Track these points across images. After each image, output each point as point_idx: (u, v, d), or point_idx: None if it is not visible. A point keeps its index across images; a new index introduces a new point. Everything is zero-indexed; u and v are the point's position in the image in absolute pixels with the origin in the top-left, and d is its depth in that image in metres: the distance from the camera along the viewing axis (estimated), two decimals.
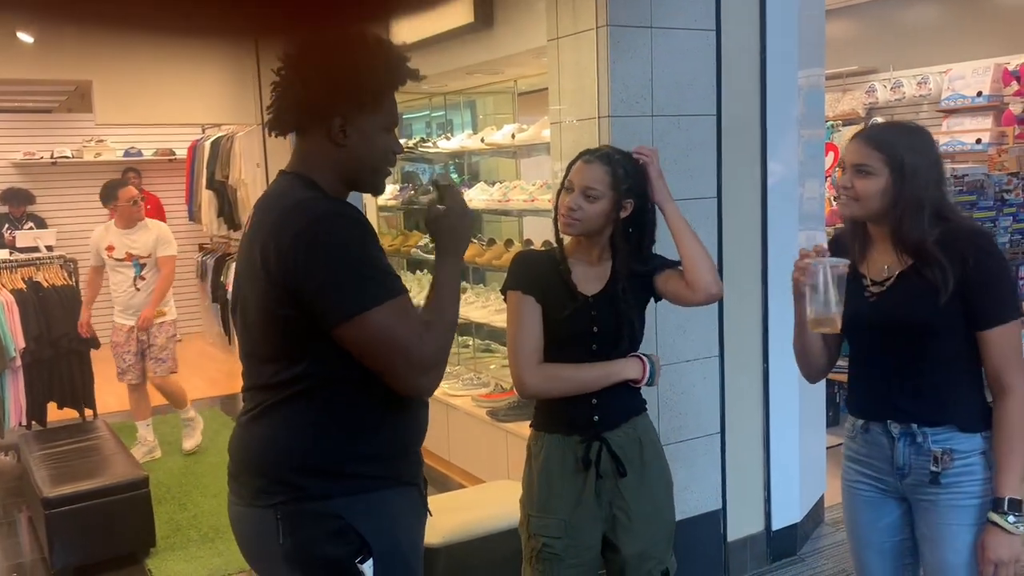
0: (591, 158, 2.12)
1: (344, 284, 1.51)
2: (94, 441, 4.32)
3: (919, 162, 1.85)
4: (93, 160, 8.48)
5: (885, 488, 2.00)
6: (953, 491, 1.88)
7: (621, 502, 2.14)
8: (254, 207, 1.69)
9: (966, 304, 1.83)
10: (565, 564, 2.12)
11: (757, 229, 3.36)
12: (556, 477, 2.14)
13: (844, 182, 1.91)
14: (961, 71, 7.29)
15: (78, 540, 3.66)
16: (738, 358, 3.34)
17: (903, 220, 1.85)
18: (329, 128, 1.60)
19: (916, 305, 1.86)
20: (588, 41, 2.99)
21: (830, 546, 3.68)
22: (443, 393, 4.61)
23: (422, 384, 1.60)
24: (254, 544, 1.68)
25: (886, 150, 1.85)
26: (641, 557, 2.15)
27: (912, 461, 1.92)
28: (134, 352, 5.03)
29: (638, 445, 2.17)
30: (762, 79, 3.31)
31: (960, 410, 1.88)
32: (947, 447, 1.88)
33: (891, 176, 1.85)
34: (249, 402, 1.67)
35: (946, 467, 1.87)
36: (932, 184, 1.85)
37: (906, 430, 1.92)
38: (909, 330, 1.88)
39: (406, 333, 1.54)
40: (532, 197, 4.29)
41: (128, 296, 4.98)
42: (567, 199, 2.10)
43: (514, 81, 5.04)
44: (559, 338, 2.12)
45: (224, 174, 7.14)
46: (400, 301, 1.54)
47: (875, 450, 1.99)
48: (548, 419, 2.18)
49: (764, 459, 3.48)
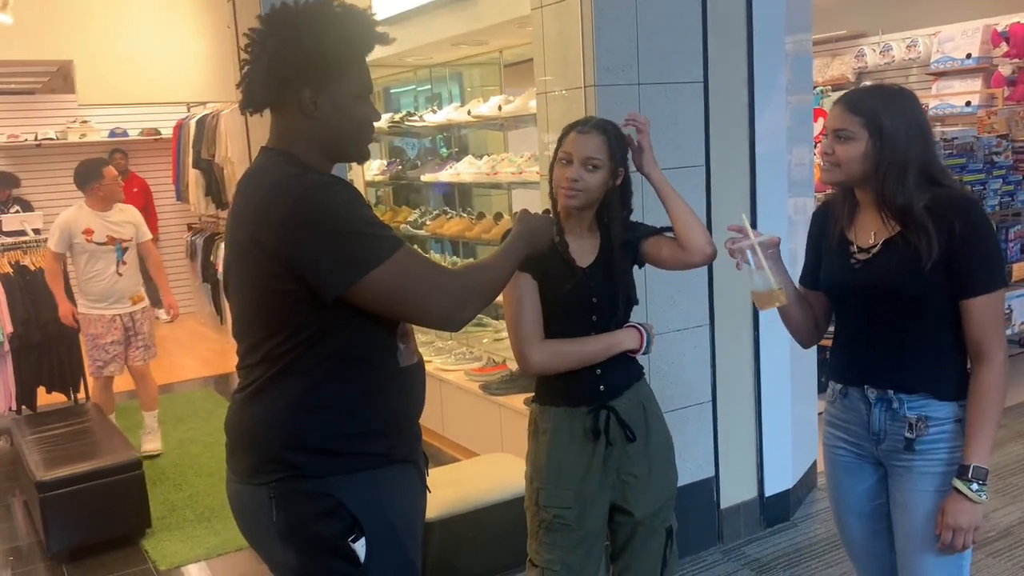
0: (586, 128, 2.11)
1: (344, 250, 1.51)
2: (86, 424, 4.31)
3: (899, 124, 1.83)
4: (78, 141, 8.40)
5: (862, 453, 2.01)
6: (926, 457, 1.88)
7: (630, 467, 2.17)
8: (237, 184, 1.68)
9: (951, 272, 1.82)
10: (576, 534, 2.14)
11: (746, 196, 3.35)
12: (565, 449, 2.15)
13: (825, 147, 1.90)
14: (950, 33, 7.25)
15: (74, 523, 3.66)
16: (728, 326, 3.34)
17: (886, 184, 1.84)
18: (300, 100, 1.59)
19: (900, 273, 1.85)
20: (572, 9, 2.95)
21: (823, 511, 3.71)
22: (436, 368, 4.62)
23: (449, 319, 1.66)
24: (250, 521, 1.69)
25: (865, 114, 1.84)
26: (652, 517, 2.20)
27: (888, 427, 1.92)
28: (120, 341, 4.73)
29: (641, 410, 2.20)
30: (749, 45, 3.28)
31: (938, 378, 1.88)
32: (922, 414, 1.88)
33: (870, 140, 1.84)
34: (243, 379, 1.67)
35: (920, 434, 1.88)
36: (916, 146, 1.83)
37: (882, 396, 1.92)
38: (892, 297, 1.88)
39: (419, 277, 1.58)
40: (520, 169, 4.27)
41: (111, 283, 4.67)
42: (568, 171, 2.08)
43: (500, 52, 4.99)
44: (560, 312, 2.13)
45: (210, 152, 7.08)
46: (404, 251, 1.56)
47: (852, 415, 2.00)
48: (553, 393, 2.18)
49: (756, 426, 3.50)
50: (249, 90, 1.63)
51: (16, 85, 9.32)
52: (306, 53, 1.56)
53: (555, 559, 2.15)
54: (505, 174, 4.40)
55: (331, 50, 1.58)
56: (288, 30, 1.57)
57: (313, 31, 1.57)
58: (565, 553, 2.15)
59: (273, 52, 1.58)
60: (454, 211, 5.21)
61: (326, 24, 1.58)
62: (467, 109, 4.81)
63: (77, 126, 8.40)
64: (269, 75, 1.60)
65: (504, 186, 4.74)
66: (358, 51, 1.63)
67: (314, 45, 1.56)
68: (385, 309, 1.58)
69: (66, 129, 8.38)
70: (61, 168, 8.51)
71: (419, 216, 5.34)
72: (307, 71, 1.58)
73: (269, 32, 1.59)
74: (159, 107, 8.25)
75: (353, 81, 1.63)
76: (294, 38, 1.56)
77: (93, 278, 4.65)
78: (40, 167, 8.42)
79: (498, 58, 5.13)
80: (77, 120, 8.39)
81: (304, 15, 1.58)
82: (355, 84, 1.63)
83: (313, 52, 1.56)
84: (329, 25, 1.58)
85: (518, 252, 1.82)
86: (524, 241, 1.85)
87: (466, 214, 5.04)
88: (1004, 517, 3.56)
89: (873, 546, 2.07)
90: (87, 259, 4.63)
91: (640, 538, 2.21)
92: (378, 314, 1.58)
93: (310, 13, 1.59)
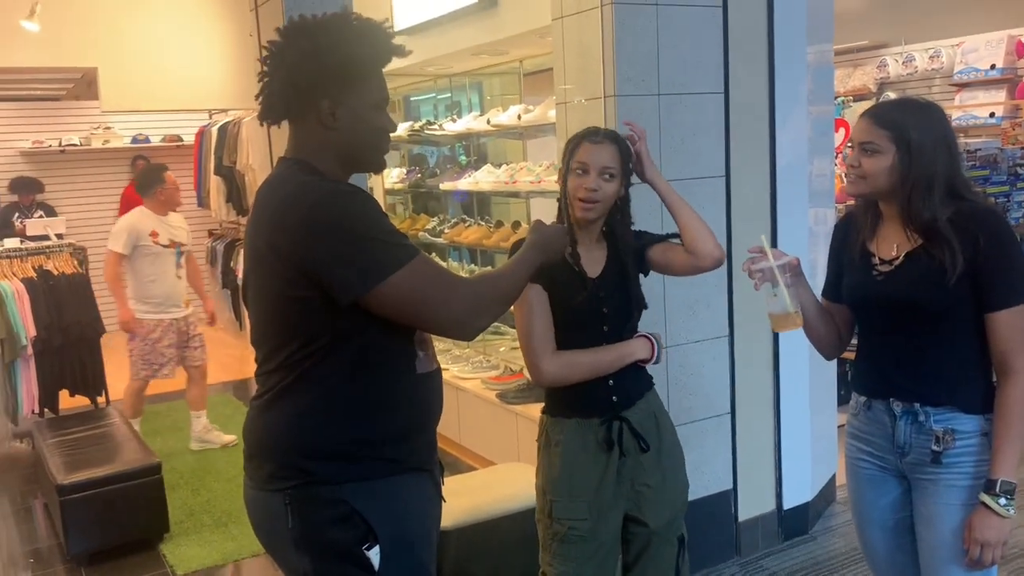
0: (599, 138, 2.11)
1: (358, 257, 1.52)
2: (107, 428, 4.35)
3: (927, 139, 1.82)
4: (101, 147, 8.50)
5: (885, 466, 2.00)
6: (953, 471, 1.87)
7: (644, 477, 2.16)
8: (256, 193, 1.70)
9: (975, 285, 1.81)
10: (590, 545, 2.14)
11: (766, 208, 3.33)
12: (579, 461, 2.14)
13: (852, 160, 1.90)
14: (974, 44, 7.19)
15: (93, 526, 3.69)
16: (748, 338, 3.32)
17: (912, 198, 1.83)
18: (318, 111, 1.61)
19: (924, 285, 1.84)
20: (593, 19, 2.96)
21: (841, 525, 3.67)
22: (453, 376, 4.62)
23: (463, 328, 1.66)
24: (266, 527, 1.70)
25: (892, 128, 1.83)
26: (666, 527, 2.20)
27: (913, 440, 1.91)
28: (175, 344, 4.91)
29: (653, 419, 2.20)
30: (770, 56, 3.27)
31: (964, 391, 1.87)
32: (948, 427, 1.87)
33: (898, 154, 1.83)
34: (261, 386, 1.69)
35: (947, 447, 1.86)
36: (942, 161, 1.82)
37: (908, 408, 1.91)
38: (916, 310, 1.87)
39: (433, 285, 1.58)
40: (539, 178, 4.27)
41: (172, 285, 4.84)
42: (586, 181, 2.08)
43: (520, 61, 5.00)
44: (571, 323, 2.13)
45: (232, 159, 7.12)
46: (419, 259, 1.57)
47: (877, 428, 1.99)
48: (565, 404, 2.18)
49: (775, 438, 3.47)
50: (268, 102, 1.66)
51: (41, 92, 9.46)
52: (323, 64, 1.58)
53: (569, 571, 2.14)
54: (524, 183, 4.41)
55: (348, 61, 1.59)
56: (306, 41, 1.59)
57: (330, 43, 1.58)
58: (579, 565, 2.14)
59: (291, 64, 1.60)
60: (472, 219, 5.22)
61: (343, 36, 1.60)
62: (486, 118, 4.82)
63: (100, 132, 8.50)
64: (287, 86, 1.62)
65: (522, 195, 4.74)
66: (375, 63, 1.65)
67: (331, 57, 1.58)
68: (399, 316, 1.59)
69: (89, 135, 8.48)
70: (84, 174, 8.62)
71: (437, 224, 5.36)
72: (325, 82, 1.60)
73: (287, 44, 1.62)
74: (181, 114, 8.33)
75: (371, 92, 1.65)
76: (312, 49, 1.58)
77: (155, 281, 4.80)
78: (64, 173, 8.52)
79: (518, 67, 5.14)
80: (100, 126, 8.49)
81: (322, 27, 1.61)
82: (373, 95, 1.65)
83: (330, 63, 1.58)
84: (346, 37, 1.60)
85: (532, 262, 1.83)
86: (538, 251, 1.85)
87: (484, 222, 5.05)
88: None
89: (896, 560, 2.05)
90: (150, 262, 4.79)
91: (653, 548, 2.21)
92: (392, 321, 1.59)
93: (328, 25, 1.61)
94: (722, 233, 3.19)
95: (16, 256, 5.11)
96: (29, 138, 8.32)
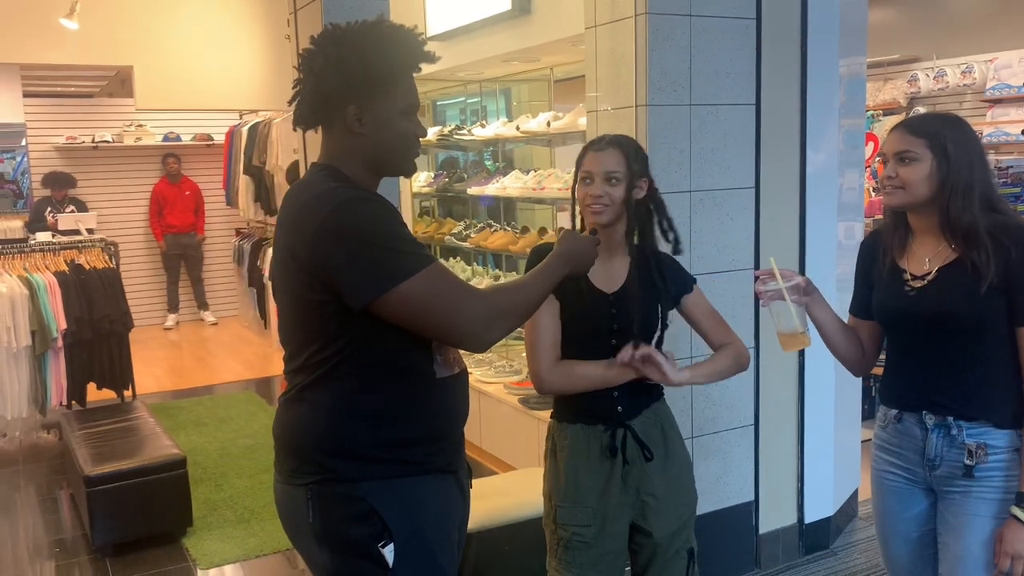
0: (602, 145, 2.12)
1: (371, 263, 1.54)
2: (134, 421, 4.41)
3: (961, 145, 1.83)
4: (133, 144, 8.61)
5: (913, 479, 2.00)
6: (984, 484, 1.87)
7: (649, 486, 2.15)
8: (284, 197, 1.74)
9: (1008, 299, 1.81)
10: (594, 552, 2.13)
11: (795, 220, 3.32)
12: (582, 466, 2.14)
13: (888, 171, 1.89)
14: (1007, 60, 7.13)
15: (118, 518, 3.74)
16: (774, 350, 3.28)
17: (951, 203, 1.83)
18: (345, 117, 1.64)
19: (957, 300, 1.84)
20: (627, 29, 2.97)
21: (863, 540, 3.65)
22: (475, 380, 4.63)
23: (474, 340, 1.63)
24: (291, 520, 1.73)
25: (928, 136, 1.84)
26: (671, 538, 2.18)
27: (944, 453, 1.91)
28: None
29: (660, 430, 2.18)
30: (802, 68, 3.26)
31: (997, 406, 1.87)
32: (982, 441, 1.87)
33: (935, 160, 1.83)
34: (288, 383, 1.72)
35: (980, 461, 1.87)
36: (978, 168, 1.83)
37: (941, 422, 1.91)
38: (950, 323, 1.87)
39: (445, 295, 1.58)
40: (567, 185, 4.28)
41: None
42: (591, 189, 2.10)
43: (550, 68, 5.02)
44: (578, 334, 2.13)
45: (261, 159, 7.21)
46: (432, 268, 1.58)
47: (907, 441, 1.99)
48: (570, 410, 2.18)
49: (798, 452, 3.46)
50: (299, 108, 1.69)
51: (76, 88, 9.61)
52: (348, 70, 1.60)
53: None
54: (551, 190, 4.42)
55: (373, 68, 1.61)
56: (332, 48, 1.62)
57: (355, 49, 1.61)
58: (583, 571, 2.14)
59: (318, 71, 1.63)
60: (499, 224, 5.24)
61: (370, 42, 1.62)
62: (515, 124, 4.84)
63: (133, 130, 8.62)
64: (315, 93, 1.65)
65: (549, 201, 4.76)
66: (403, 69, 1.67)
67: (355, 63, 1.60)
68: (411, 324, 1.59)
69: (122, 132, 8.60)
70: (116, 170, 8.74)
71: (464, 228, 5.38)
72: (350, 88, 1.62)
73: (317, 52, 1.64)
74: (212, 113, 8.43)
75: (398, 98, 1.66)
76: (337, 56, 1.61)
77: None
78: (96, 168, 8.64)
79: (548, 74, 5.16)
80: (133, 124, 8.60)
81: (350, 34, 1.63)
82: (400, 101, 1.67)
83: (355, 70, 1.60)
84: (373, 43, 1.62)
85: (556, 273, 1.81)
86: (563, 262, 1.84)
87: (510, 228, 5.07)
88: None
89: (917, 572, 2.06)
90: None
91: (661, 560, 2.18)
92: (405, 328, 1.60)
93: (356, 32, 1.63)
94: (751, 244, 3.19)
95: (49, 250, 5.20)
96: (63, 134, 8.45)
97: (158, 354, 7.69)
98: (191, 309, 8.97)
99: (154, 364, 7.30)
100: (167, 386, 6.66)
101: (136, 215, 8.86)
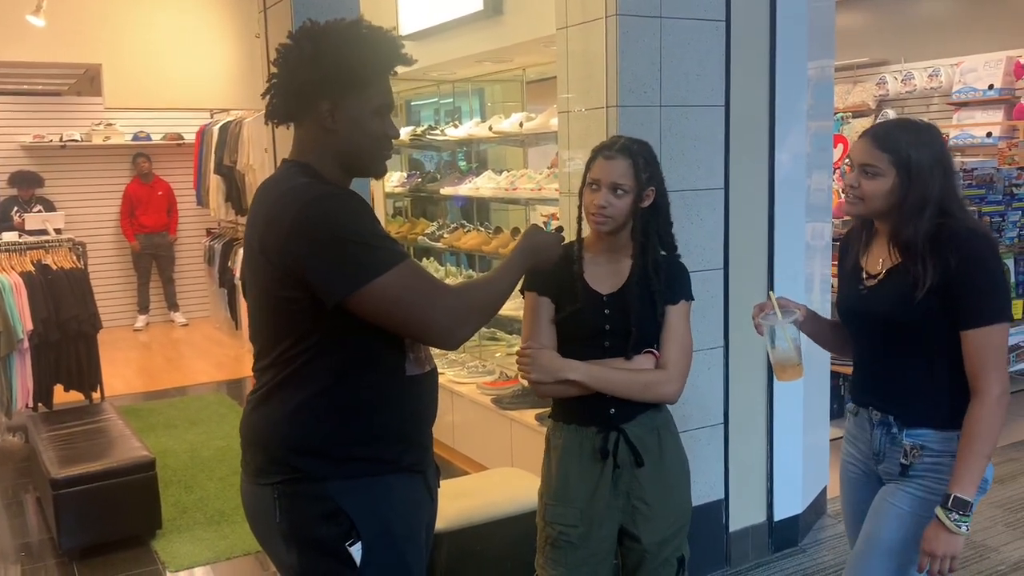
0: (612, 152, 2.10)
1: (345, 259, 1.53)
2: (102, 423, 4.35)
3: (925, 161, 1.86)
4: (102, 144, 8.50)
5: (866, 470, 2.09)
6: (915, 483, 1.94)
7: (640, 492, 2.15)
8: (255, 194, 1.73)
9: (946, 303, 1.84)
10: (580, 553, 2.14)
11: (764, 220, 3.36)
12: (573, 467, 2.15)
13: (851, 181, 1.94)
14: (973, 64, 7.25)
15: (86, 521, 3.69)
16: (743, 349, 3.34)
17: (903, 219, 1.88)
18: (318, 112, 1.63)
19: (896, 301, 1.90)
20: (597, 30, 2.99)
21: (832, 537, 3.69)
22: (448, 380, 4.63)
23: (448, 336, 1.64)
24: (258, 520, 1.73)
25: (893, 151, 1.87)
26: (660, 545, 2.18)
27: (886, 449, 1.99)
28: None
29: (656, 435, 2.18)
30: (771, 70, 3.30)
31: (937, 408, 1.92)
32: (919, 442, 1.93)
33: (898, 177, 1.87)
34: (257, 380, 1.71)
35: (915, 461, 1.93)
36: (938, 183, 1.87)
37: (884, 419, 1.99)
38: (889, 325, 1.94)
39: (418, 291, 1.59)
40: (539, 186, 4.29)
41: None
42: (596, 197, 2.09)
43: (523, 69, 5.03)
44: (571, 336, 2.15)
45: (232, 159, 7.16)
46: (406, 264, 1.58)
47: (861, 433, 2.09)
48: (565, 410, 2.20)
49: (767, 450, 3.49)
50: (272, 101, 1.69)
51: (43, 86, 9.47)
52: (323, 66, 1.60)
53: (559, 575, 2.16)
54: (524, 190, 4.43)
55: (349, 65, 1.61)
56: (309, 43, 1.62)
57: (332, 46, 1.61)
58: (569, 571, 2.15)
59: (294, 64, 1.63)
60: (472, 225, 5.24)
61: (348, 40, 1.62)
62: (488, 125, 4.84)
63: (102, 129, 8.50)
64: (289, 86, 1.65)
65: (522, 202, 4.77)
66: (378, 69, 1.67)
67: (331, 59, 1.60)
68: (384, 321, 1.59)
69: (91, 131, 8.49)
70: (85, 169, 8.62)
71: (436, 228, 5.38)
72: (324, 83, 1.62)
73: (294, 46, 1.65)
74: (182, 112, 8.34)
75: (372, 97, 1.66)
76: (313, 51, 1.61)
77: None
78: (64, 168, 8.52)
79: (520, 75, 5.17)
80: (102, 123, 8.49)
81: (327, 31, 1.64)
82: (375, 99, 1.67)
83: (330, 66, 1.60)
84: (349, 41, 1.62)
85: (519, 267, 1.84)
86: (526, 256, 1.86)
87: (483, 228, 5.07)
88: (1014, 552, 3.53)
89: None
90: None
91: (649, 566, 2.19)
92: (378, 326, 1.60)
93: (334, 29, 1.64)
94: (720, 244, 3.22)
95: (15, 250, 5.12)
96: (30, 132, 8.32)
97: (128, 355, 7.60)
98: (161, 310, 8.87)
99: (123, 366, 7.21)
100: (137, 388, 6.58)
101: (105, 215, 8.75)
